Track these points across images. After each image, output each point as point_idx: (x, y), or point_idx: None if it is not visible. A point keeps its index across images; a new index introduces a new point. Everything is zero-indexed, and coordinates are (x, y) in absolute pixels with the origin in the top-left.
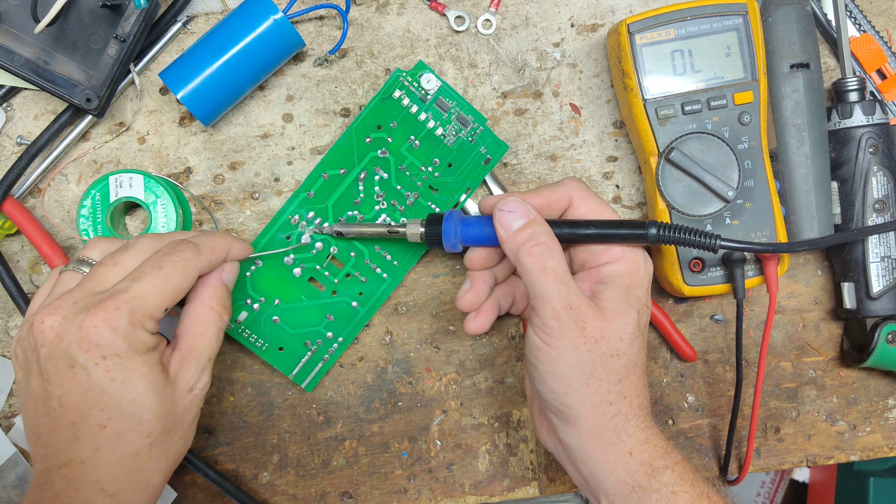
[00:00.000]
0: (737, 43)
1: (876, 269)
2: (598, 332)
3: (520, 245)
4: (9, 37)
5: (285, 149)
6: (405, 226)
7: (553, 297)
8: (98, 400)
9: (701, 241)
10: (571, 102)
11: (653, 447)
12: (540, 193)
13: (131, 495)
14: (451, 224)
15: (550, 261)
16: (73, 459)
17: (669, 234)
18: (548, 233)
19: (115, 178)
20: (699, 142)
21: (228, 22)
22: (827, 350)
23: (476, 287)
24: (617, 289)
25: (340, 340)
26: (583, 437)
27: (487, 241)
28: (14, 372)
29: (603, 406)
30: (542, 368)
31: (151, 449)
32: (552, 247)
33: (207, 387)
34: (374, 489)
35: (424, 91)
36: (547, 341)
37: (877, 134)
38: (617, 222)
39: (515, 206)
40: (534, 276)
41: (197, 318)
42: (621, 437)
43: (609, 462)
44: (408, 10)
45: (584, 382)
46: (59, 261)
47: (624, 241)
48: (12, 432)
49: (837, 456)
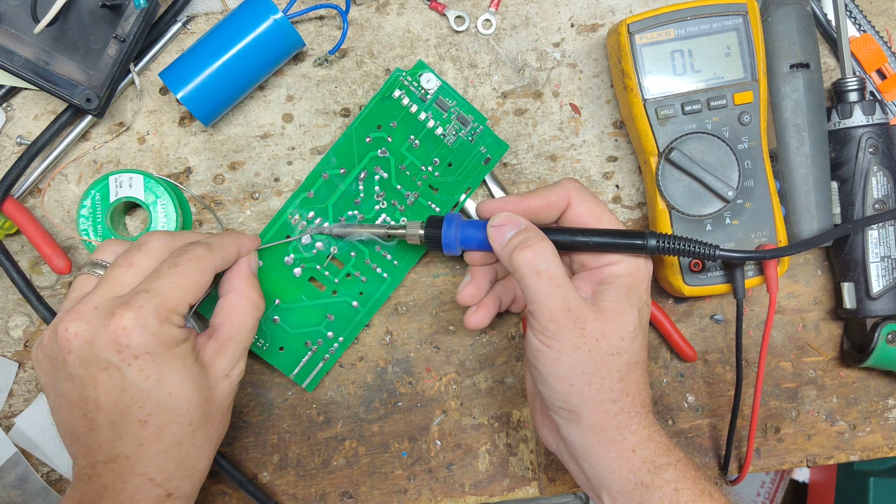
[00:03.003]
0: (737, 43)
1: (876, 269)
2: (599, 332)
3: (511, 252)
4: (9, 37)
5: (285, 149)
6: (405, 227)
7: (549, 300)
8: (136, 398)
9: (700, 250)
10: (571, 102)
11: (655, 444)
12: (538, 195)
13: (179, 482)
14: (451, 228)
15: (543, 263)
16: (117, 455)
17: (669, 245)
18: (539, 237)
19: (115, 178)
20: (699, 142)
21: (228, 22)
22: (827, 350)
23: (476, 281)
24: (619, 289)
25: (341, 340)
26: (586, 434)
27: (485, 245)
28: (38, 377)
29: (606, 404)
30: (544, 370)
31: (195, 436)
32: (544, 249)
33: (242, 373)
34: (374, 489)
35: (424, 91)
36: (547, 343)
37: (877, 134)
38: (616, 232)
39: (505, 219)
40: (528, 281)
41: (234, 308)
42: (624, 434)
43: (612, 459)
44: (408, 10)
45: (586, 382)
46: (60, 261)
47: (623, 251)
48: (12, 432)
49: (837, 456)
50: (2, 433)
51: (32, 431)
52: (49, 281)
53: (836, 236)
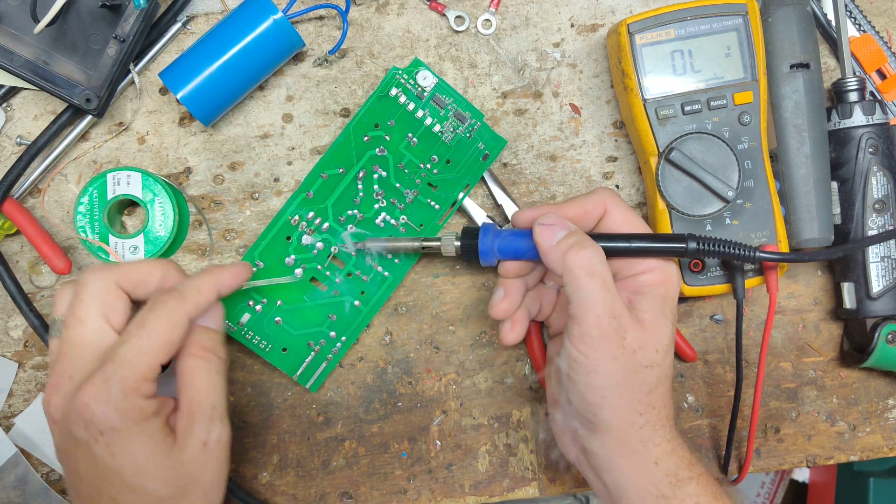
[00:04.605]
0: (737, 43)
1: (876, 270)
2: (637, 343)
3: (566, 251)
4: (8, 37)
5: (285, 149)
6: (440, 240)
7: (598, 303)
8: (105, 475)
9: (740, 253)
10: (571, 102)
11: (678, 458)
12: (575, 203)
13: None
14: (488, 237)
15: (599, 265)
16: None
17: (708, 248)
18: (591, 240)
19: (113, 175)
20: (699, 142)
21: (228, 22)
22: (827, 350)
23: (510, 295)
24: (654, 299)
25: (343, 340)
26: (608, 445)
27: (525, 254)
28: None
29: (633, 416)
30: (580, 381)
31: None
32: (599, 252)
33: (225, 437)
34: (374, 489)
35: (421, 88)
36: (585, 353)
37: (877, 134)
38: (655, 236)
39: (555, 219)
40: (581, 281)
41: (186, 372)
42: (648, 446)
43: (633, 471)
44: (408, 11)
45: (618, 394)
46: (60, 261)
47: (663, 255)
48: (12, 432)
49: (837, 456)
50: (3, 434)
51: (32, 431)
52: (49, 281)
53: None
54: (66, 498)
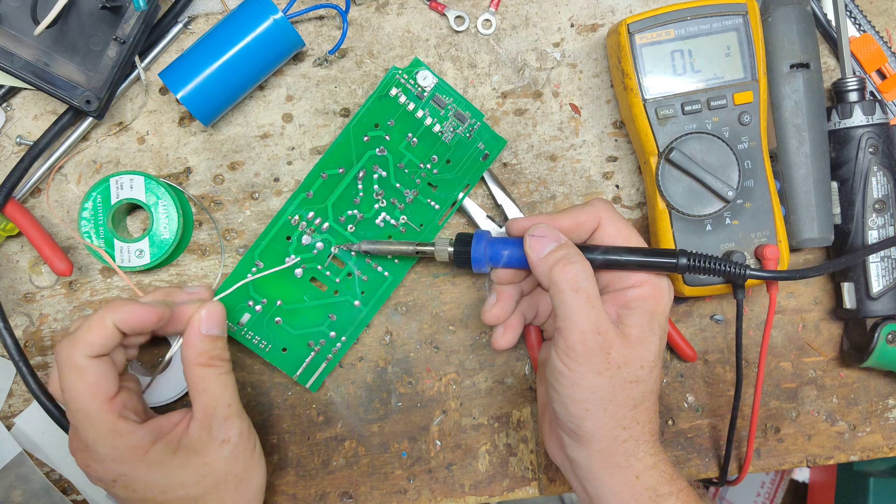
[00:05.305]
0: (737, 43)
1: (876, 269)
2: (622, 359)
3: (552, 265)
4: (9, 38)
5: (285, 149)
6: (433, 245)
7: (583, 319)
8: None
9: (729, 270)
10: (571, 102)
11: (660, 473)
12: (568, 214)
13: None
14: (481, 245)
15: (584, 281)
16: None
17: (698, 264)
18: (580, 255)
19: (116, 179)
20: (699, 142)
21: (228, 22)
22: (827, 350)
23: (502, 301)
24: (642, 314)
25: (344, 340)
26: (592, 457)
27: (517, 263)
28: None
29: (616, 430)
30: (563, 392)
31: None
32: (586, 268)
33: (245, 431)
34: (374, 489)
35: (421, 88)
36: (569, 366)
37: (877, 134)
38: (646, 250)
39: (546, 231)
40: (566, 296)
41: (196, 380)
42: (630, 461)
43: (615, 484)
44: (408, 10)
45: (602, 408)
46: (61, 263)
47: (653, 269)
48: (12, 432)
49: (837, 456)
50: (7, 433)
51: (32, 431)
52: (49, 281)
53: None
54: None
